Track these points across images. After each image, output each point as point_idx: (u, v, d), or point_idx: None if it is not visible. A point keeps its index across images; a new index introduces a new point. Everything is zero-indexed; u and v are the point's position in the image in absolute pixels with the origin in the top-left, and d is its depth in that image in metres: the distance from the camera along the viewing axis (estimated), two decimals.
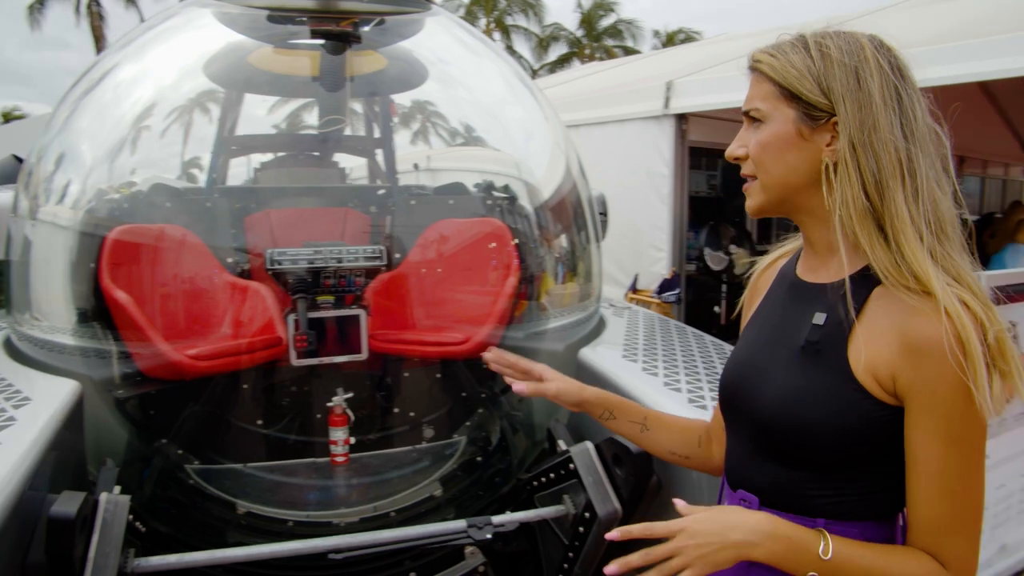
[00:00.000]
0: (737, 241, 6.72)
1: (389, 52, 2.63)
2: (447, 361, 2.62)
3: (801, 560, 0.94)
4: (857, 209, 0.99)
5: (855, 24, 4.65)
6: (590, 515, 2.01)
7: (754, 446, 1.09)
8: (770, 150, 1.05)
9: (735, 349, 1.20)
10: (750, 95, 1.09)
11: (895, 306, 0.98)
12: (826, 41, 1.03)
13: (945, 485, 0.94)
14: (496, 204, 2.72)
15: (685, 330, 2.85)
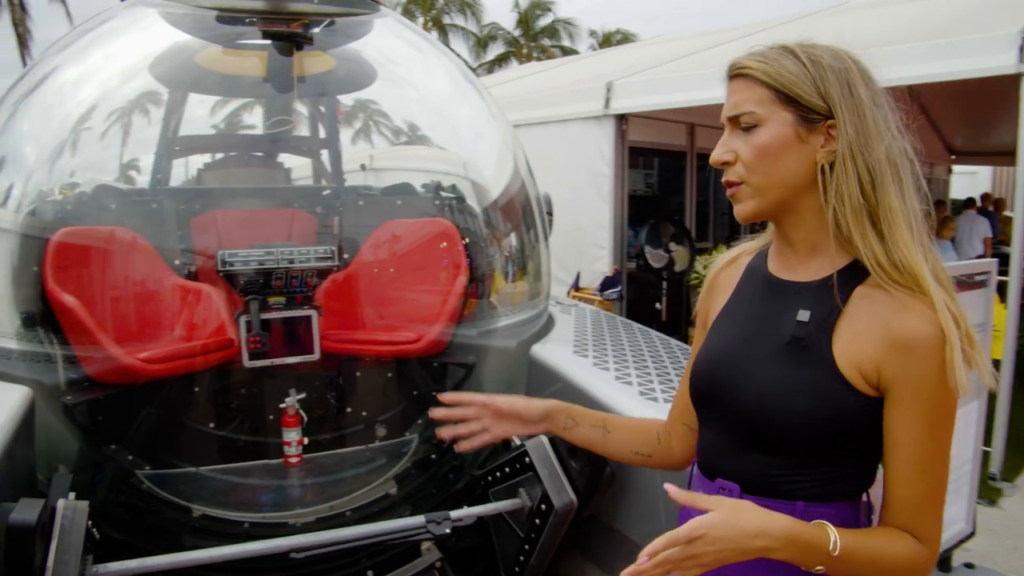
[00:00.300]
0: (677, 239, 6.90)
1: (338, 53, 2.64)
2: (399, 360, 2.65)
3: (814, 558, 0.99)
4: (853, 206, 1.03)
5: (788, 28, 4.89)
6: (546, 507, 2.07)
7: (734, 436, 1.13)
8: (769, 153, 1.06)
9: (707, 344, 1.23)
10: (737, 100, 1.09)
11: (879, 303, 1.03)
12: (812, 50, 1.07)
13: (923, 467, 1.02)
14: (445, 204, 2.76)
15: (631, 326, 2.94)
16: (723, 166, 1.12)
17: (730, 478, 1.13)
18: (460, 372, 2.61)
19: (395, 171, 2.81)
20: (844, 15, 7.64)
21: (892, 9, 6.90)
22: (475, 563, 2.50)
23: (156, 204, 2.61)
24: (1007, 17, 4.35)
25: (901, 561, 1.02)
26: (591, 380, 2.17)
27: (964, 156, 11.96)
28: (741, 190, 1.10)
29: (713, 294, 1.29)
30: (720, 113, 1.14)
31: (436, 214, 2.74)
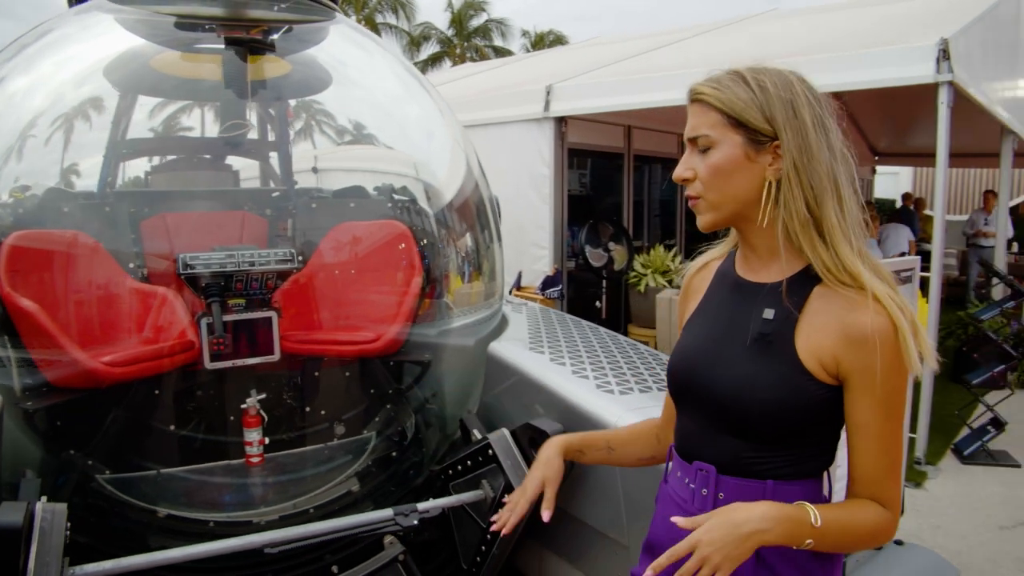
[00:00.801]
0: (615, 238, 7.08)
1: (293, 58, 2.68)
2: (358, 359, 2.70)
3: (801, 532, 1.11)
4: (800, 219, 1.16)
5: (718, 33, 5.13)
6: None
7: (709, 424, 1.26)
8: (722, 172, 1.18)
9: (683, 342, 1.35)
10: (695, 123, 1.21)
11: (834, 302, 1.16)
12: (761, 76, 1.19)
13: (882, 445, 1.15)
14: (399, 205, 2.82)
15: (580, 323, 3.06)
16: (684, 182, 1.24)
17: (706, 461, 1.25)
18: (417, 370, 2.69)
19: (350, 173, 2.85)
20: (773, 22, 7.96)
21: (820, 18, 7.24)
22: (435, 556, 2.58)
23: (110, 208, 2.60)
24: (927, 30, 4.65)
25: (870, 526, 1.16)
26: (548, 375, 2.28)
27: (887, 157, 12.59)
28: (699, 203, 1.23)
29: (688, 297, 1.42)
30: (656, 115, 1.27)
31: (391, 216, 2.80)
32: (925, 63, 4.19)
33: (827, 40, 5.90)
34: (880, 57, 4.51)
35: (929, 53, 4.19)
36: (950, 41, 4.17)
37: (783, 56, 5.63)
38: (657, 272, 7.13)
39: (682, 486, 1.29)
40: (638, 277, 7.16)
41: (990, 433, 4.83)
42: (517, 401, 2.41)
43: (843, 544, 1.18)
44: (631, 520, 2.04)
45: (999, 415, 4.85)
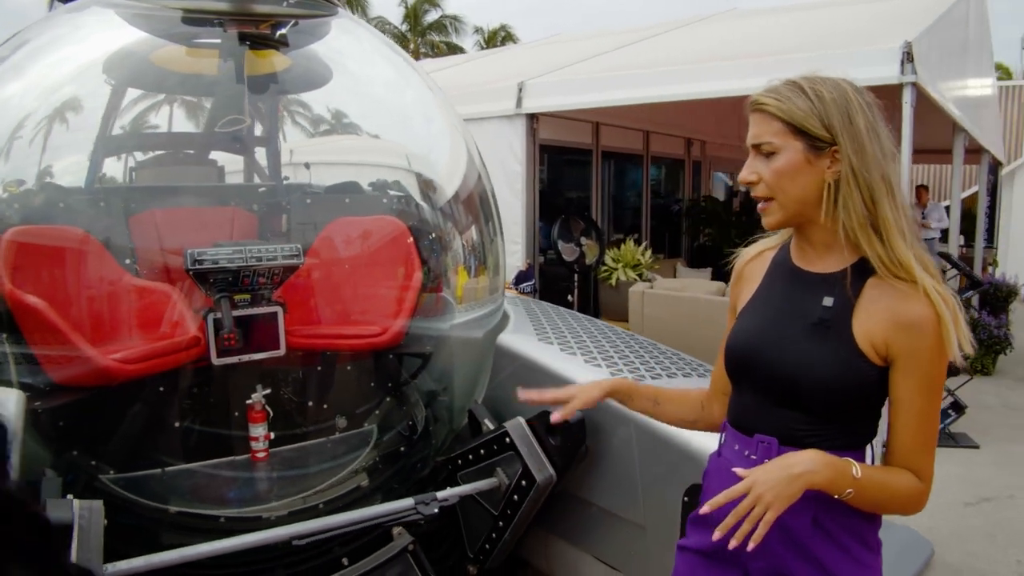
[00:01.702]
0: (586, 233, 7.17)
1: (295, 53, 2.68)
2: (364, 353, 2.72)
3: (843, 481, 1.22)
4: (858, 217, 1.27)
5: (681, 32, 5.25)
6: (527, 483, 2.22)
7: (770, 399, 1.36)
8: (785, 175, 1.29)
9: (742, 324, 1.45)
10: (758, 132, 1.31)
11: (886, 292, 1.27)
12: (818, 87, 1.29)
13: (921, 421, 1.27)
14: (404, 199, 2.85)
15: (576, 315, 3.13)
16: (749, 185, 1.35)
17: (767, 433, 1.36)
18: (420, 362, 2.72)
19: (354, 168, 2.87)
20: (734, 21, 8.15)
21: (779, 18, 7.44)
22: (440, 545, 2.62)
23: (107, 203, 2.57)
24: (887, 32, 4.83)
25: (904, 490, 1.27)
26: (563, 365, 2.34)
27: None
28: (770, 205, 1.34)
29: (741, 283, 1.52)
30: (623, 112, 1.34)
31: (396, 210, 2.83)
32: (890, 64, 4.36)
33: (791, 40, 6.08)
34: (846, 58, 4.67)
35: (894, 55, 4.36)
36: (913, 43, 4.34)
37: (749, 56, 5.79)
38: (628, 266, 7.26)
39: (741, 458, 1.38)
40: (609, 271, 7.28)
41: (951, 416, 5.06)
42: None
43: (879, 501, 1.28)
44: (648, 500, 2.12)
45: (959, 399, 5.08)
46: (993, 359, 6.91)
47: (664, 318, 6.24)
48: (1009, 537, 3.73)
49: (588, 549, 2.47)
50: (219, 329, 2.35)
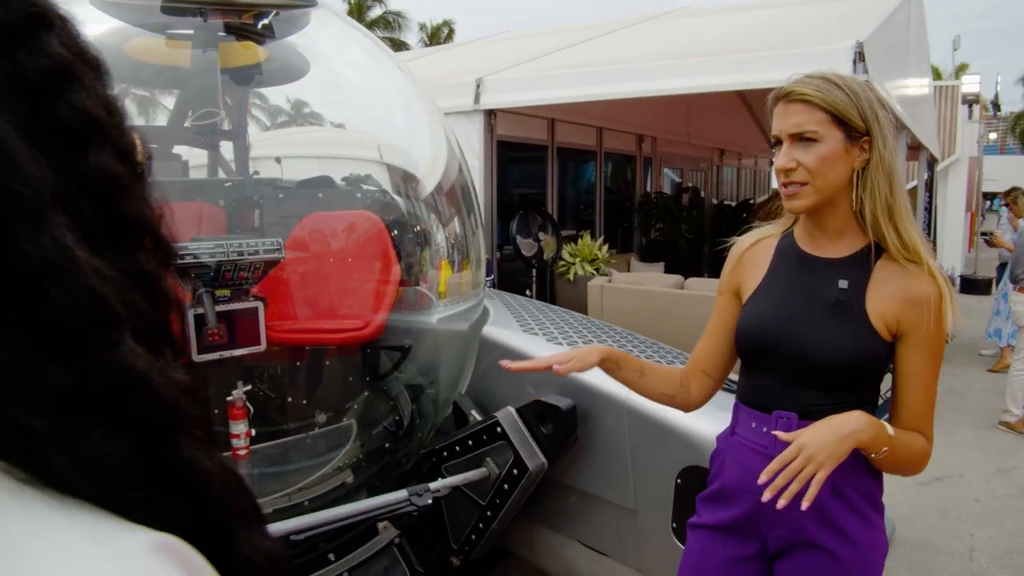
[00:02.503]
0: (544, 228, 7.23)
1: (273, 45, 2.65)
2: (345, 347, 2.71)
3: (881, 438, 1.31)
4: (882, 203, 1.37)
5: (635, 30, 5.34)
6: (519, 471, 2.25)
7: (786, 378, 1.44)
8: (827, 162, 1.36)
9: (756, 309, 1.51)
10: (799, 120, 1.37)
11: (895, 273, 1.38)
12: (849, 82, 1.38)
13: (926, 388, 1.39)
14: (380, 194, 2.84)
15: (552, 307, 3.17)
16: (787, 172, 1.41)
17: (787, 409, 1.43)
18: (408, 356, 2.72)
19: (333, 161, 2.85)
20: (685, 20, 8.30)
21: (729, 17, 7.61)
22: (422, 538, 2.63)
23: None
24: (842, 32, 4.99)
25: (919, 449, 1.39)
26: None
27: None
28: (805, 189, 1.40)
29: (742, 268, 1.58)
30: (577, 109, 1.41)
31: (370, 204, 2.82)
32: (843, 64, 4.50)
33: (742, 39, 6.23)
34: (800, 57, 4.81)
35: (847, 54, 4.51)
36: (865, 43, 4.50)
37: (700, 54, 5.91)
38: (585, 261, 7.33)
39: (760, 434, 1.45)
40: (566, 266, 7.35)
41: None
42: (514, 382, 2.49)
43: (903, 459, 1.38)
44: (640, 484, 2.17)
45: None
46: None
47: (623, 311, 6.33)
48: (960, 512, 3.92)
49: (574, 535, 2.51)
50: (201, 325, 2.31)
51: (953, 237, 10.35)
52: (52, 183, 0.37)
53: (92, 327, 0.37)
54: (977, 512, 3.93)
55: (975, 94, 11.64)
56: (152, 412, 0.40)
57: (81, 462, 0.36)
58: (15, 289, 0.35)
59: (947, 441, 5.06)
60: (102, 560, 0.33)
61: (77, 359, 0.37)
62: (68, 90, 0.39)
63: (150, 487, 0.39)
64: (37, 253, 0.35)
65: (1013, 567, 3.34)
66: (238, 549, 0.43)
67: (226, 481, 0.43)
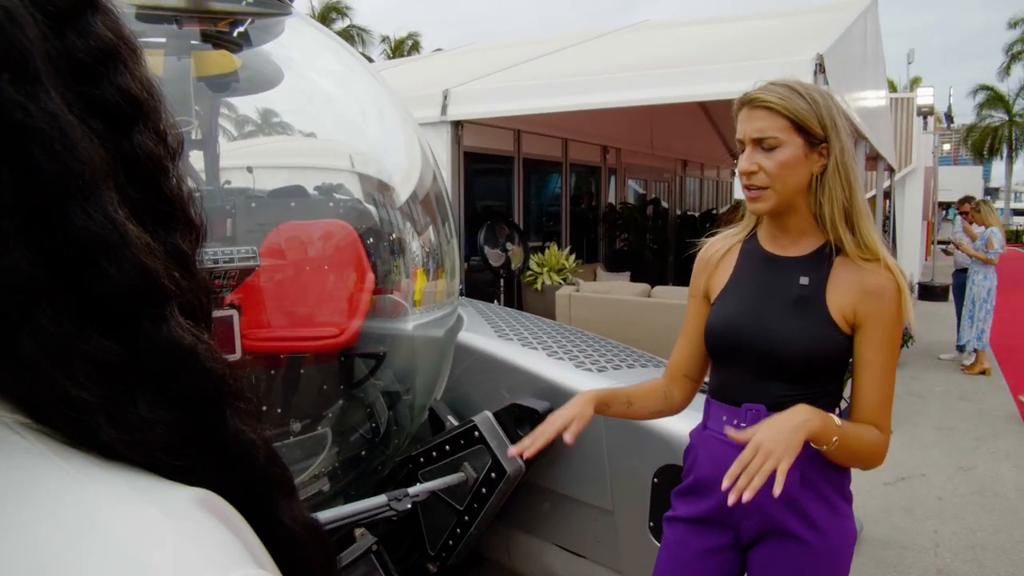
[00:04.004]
0: (511, 238, 7.27)
1: (246, 53, 2.65)
2: (321, 355, 2.71)
3: (829, 429, 1.35)
4: (838, 206, 1.43)
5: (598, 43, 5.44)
6: (497, 474, 2.27)
7: (754, 372, 1.49)
8: (787, 167, 1.42)
9: (723, 307, 1.56)
10: (761, 125, 1.43)
11: (852, 269, 1.44)
12: (809, 90, 1.44)
13: (883, 379, 1.43)
14: (354, 203, 2.85)
15: (527, 315, 3.20)
16: (749, 175, 1.47)
17: (756, 402, 1.48)
18: (383, 363, 2.72)
19: (308, 170, 2.85)
20: (648, 32, 8.43)
21: (689, 31, 7.75)
22: (399, 545, 2.63)
23: None
24: (802, 45, 5.12)
25: (872, 441, 1.42)
26: (527, 360, 2.40)
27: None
28: (766, 193, 1.46)
29: (709, 271, 1.63)
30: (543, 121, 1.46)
31: (343, 213, 2.83)
32: (804, 76, 4.62)
33: (705, 52, 6.35)
34: (762, 69, 4.92)
35: (808, 66, 4.63)
36: (825, 56, 4.63)
37: (663, 67, 6.02)
38: (552, 270, 7.38)
39: (731, 427, 1.48)
40: (534, 276, 7.39)
41: None
42: (490, 387, 2.51)
43: (857, 451, 1.41)
44: (617, 485, 2.20)
45: None
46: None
47: (591, 319, 6.38)
48: (925, 510, 4.02)
49: (550, 538, 2.53)
50: None
51: (911, 246, 10.63)
52: (105, 160, 0.38)
53: (143, 302, 0.39)
54: (940, 509, 4.04)
55: (929, 106, 11.98)
56: (200, 384, 0.41)
57: (128, 432, 0.38)
58: (67, 265, 0.36)
59: (910, 442, 5.19)
60: (153, 508, 0.34)
61: (127, 333, 0.38)
62: (114, 71, 0.40)
63: (196, 456, 0.40)
64: (90, 228, 0.36)
65: (976, 561, 3.44)
66: (280, 519, 0.45)
67: (268, 453, 0.45)
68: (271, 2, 2.54)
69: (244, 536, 0.38)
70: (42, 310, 0.35)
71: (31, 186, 0.35)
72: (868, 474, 4.52)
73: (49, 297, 0.35)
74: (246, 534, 0.39)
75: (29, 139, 0.34)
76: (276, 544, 0.44)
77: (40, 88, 0.35)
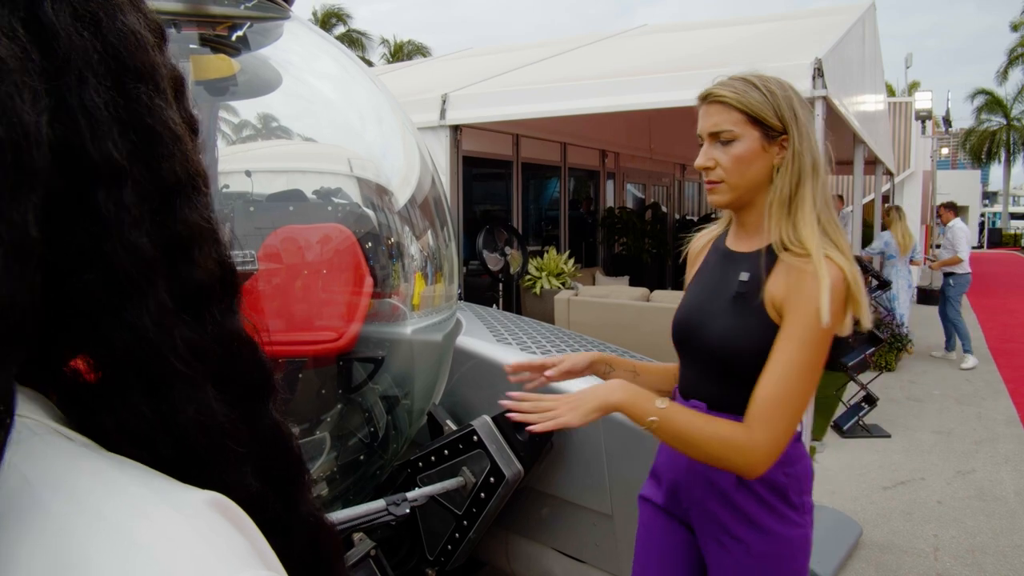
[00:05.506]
0: (509, 243, 7.27)
1: (245, 57, 2.65)
2: (319, 359, 2.70)
3: (645, 407, 1.34)
4: (781, 198, 1.40)
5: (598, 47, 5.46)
6: (495, 479, 2.26)
7: (701, 367, 1.49)
8: (744, 161, 1.41)
9: (683, 300, 1.58)
10: (718, 120, 1.42)
11: (791, 263, 1.38)
12: (767, 83, 1.43)
13: (781, 373, 1.33)
14: (353, 207, 2.85)
15: (525, 319, 3.19)
16: (705, 170, 1.46)
17: (699, 399, 1.49)
18: (382, 367, 2.72)
19: (308, 174, 2.85)
20: (646, 37, 8.45)
21: (688, 35, 7.76)
22: (397, 550, 2.62)
23: None
24: (800, 49, 5.13)
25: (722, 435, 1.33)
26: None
27: None
28: (721, 187, 1.45)
29: (690, 266, 1.66)
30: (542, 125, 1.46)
31: (342, 218, 2.83)
32: (803, 79, 4.63)
33: (703, 56, 6.37)
34: (761, 73, 4.93)
35: (806, 70, 4.64)
36: (823, 60, 4.64)
37: (662, 71, 6.03)
38: (551, 275, 7.39)
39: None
40: (533, 280, 7.40)
41: (864, 409, 5.39)
42: (489, 392, 2.50)
43: (686, 440, 1.35)
44: (616, 489, 2.19)
45: (872, 393, 5.41)
46: (896, 356, 7.40)
47: (590, 324, 6.38)
48: (924, 515, 4.02)
49: (550, 543, 2.52)
50: None
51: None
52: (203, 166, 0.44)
53: (223, 291, 0.44)
54: (940, 513, 4.04)
55: (927, 110, 12.00)
56: (253, 374, 0.45)
57: (203, 414, 0.41)
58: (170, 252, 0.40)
59: (908, 446, 5.19)
60: (171, 510, 0.35)
61: (206, 320, 0.42)
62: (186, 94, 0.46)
63: (251, 444, 0.43)
64: (193, 222, 0.42)
65: (975, 565, 3.43)
66: (306, 508, 0.48)
67: (298, 446, 0.48)
68: (269, 6, 2.54)
69: (253, 538, 0.39)
70: (160, 287, 0.39)
71: (155, 181, 0.40)
72: (867, 478, 4.52)
73: (163, 276, 0.40)
74: (255, 536, 0.40)
75: (158, 142, 0.40)
76: (298, 531, 0.47)
77: (165, 101, 0.41)
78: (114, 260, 0.38)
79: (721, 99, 1.42)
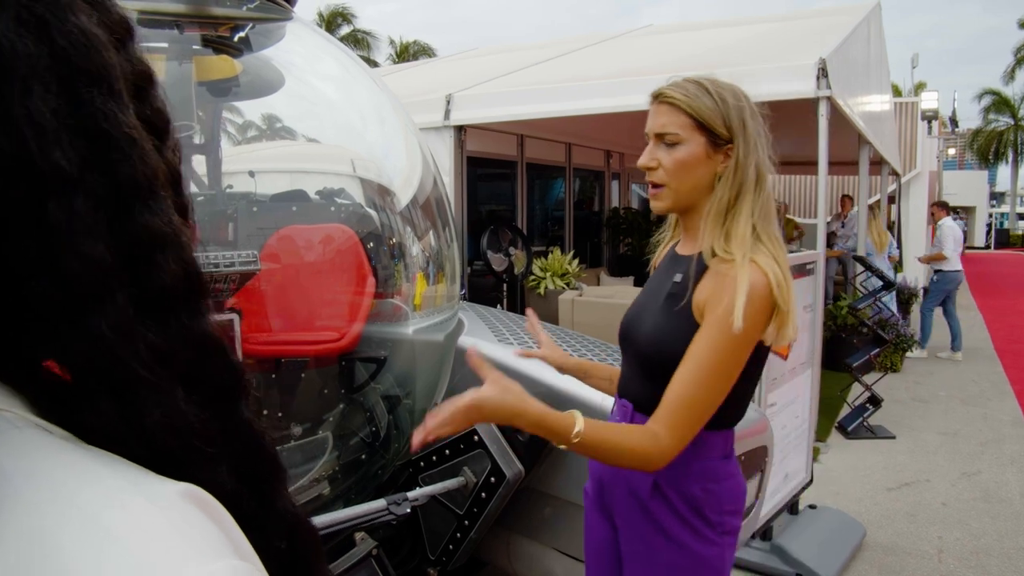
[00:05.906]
0: (514, 243, 7.27)
1: (248, 58, 2.66)
2: (321, 359, 2.71)
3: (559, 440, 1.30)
4: (719, 207, 1.40)
5: (603, 47, 5.46)
6: (496, 479, 2.26)
7: (637, 368, 1.50)
8: (686, 166, 1.40)
9: (632, 304, 1.61)
10: (665, 122, 1.41)
11: (715, 270, 1.38)
12: (720, 89, 1.42)
13: (690, 374, 1.33)
14: (356, 207, 2.85)
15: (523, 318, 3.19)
16: (648, 170, 1.46)
17: (629, 398, 1.50)
18: (384, 367, 2.73)
19: (311, 174, 2.86)
20: (651, 37, 8.44)
21: (693, 35, 7.75)
22: (399, 549, 2.63)
23: None
24: (805, 49, 5.11)
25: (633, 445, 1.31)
26: (527, 365, 2.39)
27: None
28: (662, 191, 1.45)
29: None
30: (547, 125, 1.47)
31: (345, 218, 2.83)
32: (807, 80, 4.62)
33: (708, 56, 6.35)
34: (764, 73, 4.92)
35: (810, 71, 4.62)
36: (827, 60, 4.62)
37: (667, 71, 6.01)
38: (556, 275, 7.39)
39: (613, 417, 1.54)
40: (537, 280, 7.40)
41: (868, 410, 5.37)
42: None
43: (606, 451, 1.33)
44: None
45: (876, 394, 5.40)
46: (901, 357, 7.37)
47: (594, 324, 6.38)
48: (928, 516, 4.00)
49: (551, 543, 2.52)
50: None
51: (916, 250, 10.57)
52: (164, 169, 0.43)
53: (188, 295, 0.43)
54: (944, 515, 4.02)
55: (934, 110, 11.95)
56: (223, 375, 0.45)
57: (171, 416, 0.41)
58: (130, 258, 0.40)
59: (913, 448, 5.17)
60: (145, 501, 0.36)
61: (171, 324, 0.42)
62: (153, 91, 0.46)
63: (222, 444, 0.43)
64: (154, 227, 0.41)
65: (980, 567, 3.42)
66: (282, 505, 0.48)
67: (272, 444, 0.48)
68: (272, 7, 2.55)
69: (228, 529, 0.40)
70: (117, 294, 0.39)
71: (109, 187, 0.39)
72: (871, 479, 4.51)
73: (122, 283, 0.39)
74: (230, 527, 0.40)
75: (112, 147, 0.39)
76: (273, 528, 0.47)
77: (121, 103, 0.40)
78: (67, 269, 0.37)
79: (671, 100, 1.41)
